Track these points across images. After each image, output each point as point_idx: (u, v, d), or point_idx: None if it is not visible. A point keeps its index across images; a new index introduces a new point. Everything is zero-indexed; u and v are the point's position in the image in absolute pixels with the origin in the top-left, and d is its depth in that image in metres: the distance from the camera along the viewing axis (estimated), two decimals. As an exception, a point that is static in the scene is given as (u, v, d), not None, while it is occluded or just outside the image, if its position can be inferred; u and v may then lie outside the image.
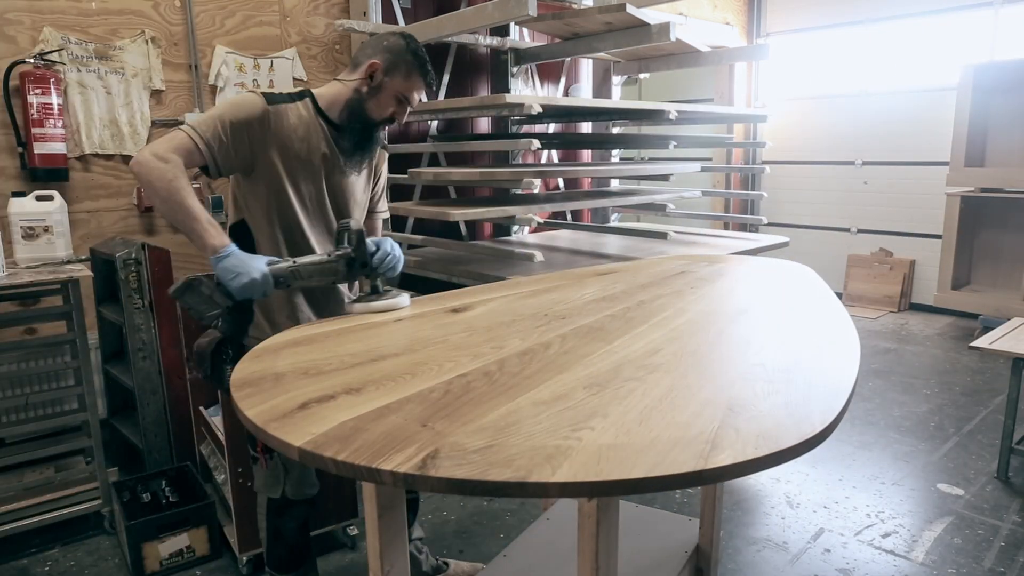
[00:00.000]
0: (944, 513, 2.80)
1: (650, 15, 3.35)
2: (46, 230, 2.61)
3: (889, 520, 2.75)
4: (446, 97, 4.25)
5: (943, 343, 5.20)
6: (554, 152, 4.93)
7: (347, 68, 1.86)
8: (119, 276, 2.74)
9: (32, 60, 2.97)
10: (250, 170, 1.75)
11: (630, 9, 3.23)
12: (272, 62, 3.70)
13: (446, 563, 2.38)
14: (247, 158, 1.72)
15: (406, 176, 3.57)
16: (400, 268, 1.75)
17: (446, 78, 4.27)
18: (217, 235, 1.60)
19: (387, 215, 2.14)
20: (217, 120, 1.67)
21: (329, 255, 1.66)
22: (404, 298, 1.71)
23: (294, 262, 1.62)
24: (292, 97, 1.78)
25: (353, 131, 1.81)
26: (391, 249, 1.73)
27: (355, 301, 1.70)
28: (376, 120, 1.82)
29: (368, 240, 1.69)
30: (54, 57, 3.05)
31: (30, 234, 2.59)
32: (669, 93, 6.93)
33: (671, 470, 0.85)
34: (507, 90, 4.40)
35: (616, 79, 5.04)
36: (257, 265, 1.57)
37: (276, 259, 1.64)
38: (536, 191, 3.22)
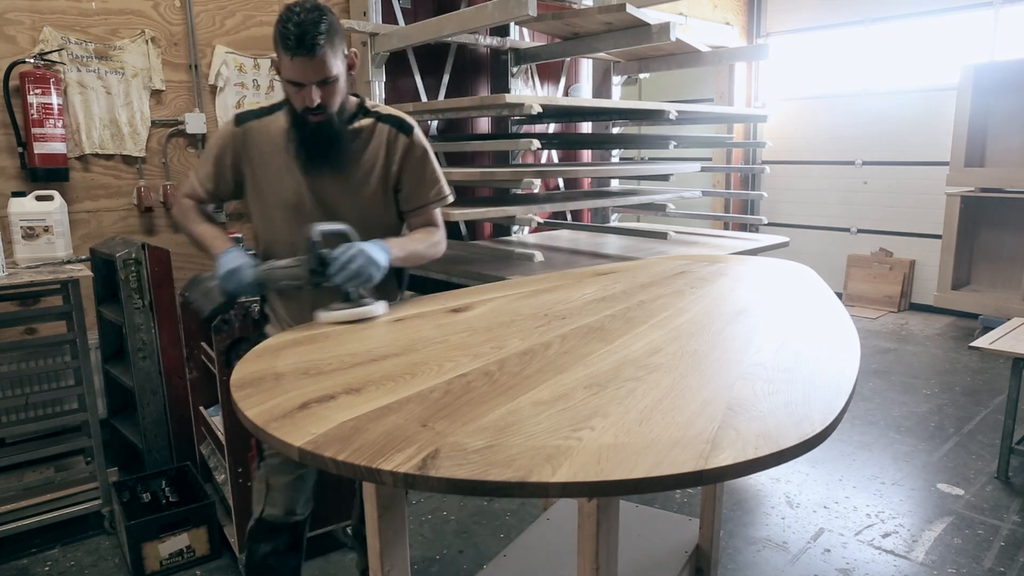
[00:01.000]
0: (944, 513, 2.80)
1: (650, 15, 3.35)
2: (46, 230, 2.61)
3: (889, 520, 2.75)
4: (446, 97, 4.25)
5: (943, 343, 5.20)
6: (554, 152, 4.93)
7: None
8: (119, 276, 2.74)
9: (32, 60, 2.97)
10: (241, 191, 1.82)
11: (630, 9, 3.23)
12: (272, 62, 3.70)
13: None
14: (233, 181, 1.80)
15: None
16: (366, 278, 1.60)
17: (446, 78, 4.27)
18: (219, 244, 1.72)
19: (436, 205, 1.87)
20: (204, 159, 1.82)
21: (297, 261, 1.63)
22: (377, 307, 1.62)
23: (270, 265, 1.65)
24: (268, 110, 1.77)
25: (296, 131, 1.69)
26: (351, 258, 1.58)
27: (323, 309, 1.61)
28: (299, 113, 1.65)
29: (339, 248, 1.60)
30: (54, 57, 3.05)
31: (30, 234, 2.59)
32: (669, 93, 6.93)
33: (671, 470, 0.85)
34: (507, 90, 4.40)
35: (616, 79, 5.04)
36: (243, 264, 1.62)
37: (267, 263, 1.68)
38: (536, 191, 3.22)
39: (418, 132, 1.82)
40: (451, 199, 1.90)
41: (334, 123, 1.67)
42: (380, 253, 1.64)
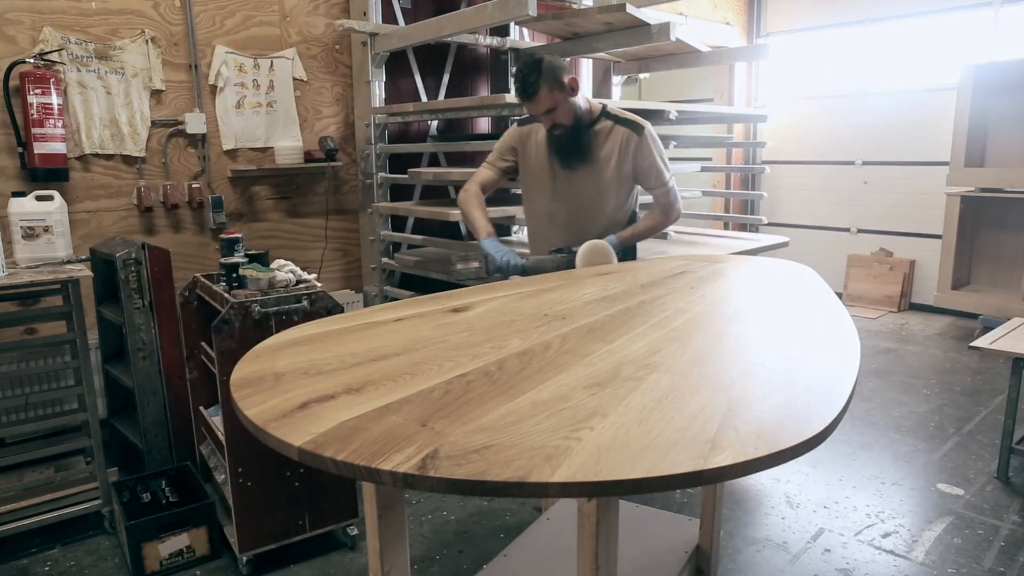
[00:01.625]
0: (944, 513, 2.80)
1: (650, 15, 3.35)
2: (46, 230, 2.61)
3: (889, 520, 2.75)
4: (446, 97, 4.25)
5: (943, 343, 5.20)
6: (554, 152, 4.92)
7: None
8: (119, 276, 2.74)
9: (32, 60, 2.97)
10: (516, 173, 2.58)
11: (630, 9, 3.23)
12: (272, 62, 3.70)
13: None
14: (512, 162, 2.56)
15: (406, 176, 3.57)
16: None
17: (446, 78, 4.27)
18: (483, 230, 2.39)
19: (658, 192, 2.46)
20: (496, 149, 2.57)
21: (558, 259, 2.36)
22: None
23: (538, 259, 2.37)
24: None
25: (550, 139, 2.41)
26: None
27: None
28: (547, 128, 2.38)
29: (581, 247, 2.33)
30: (54, 57, 3.05)
31: (30, 234, 2.59)
32: (669, 93, 6.93)
33: (671, 470, 0.85)
34: (507, 90, 4.40)
35: (616, 79, 5.04)
36: (508, 252, 2.34)
37: (534, 257, 2.43)
38: (536, 191, 3.22)
39: (648, 133, 2.37)
40: (668, 185, 2.44)
41: (569, 132, 2.34)
42: (602, 243, 2.33)
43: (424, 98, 4.17)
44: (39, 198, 2.64)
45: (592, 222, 2.46)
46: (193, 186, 3.49)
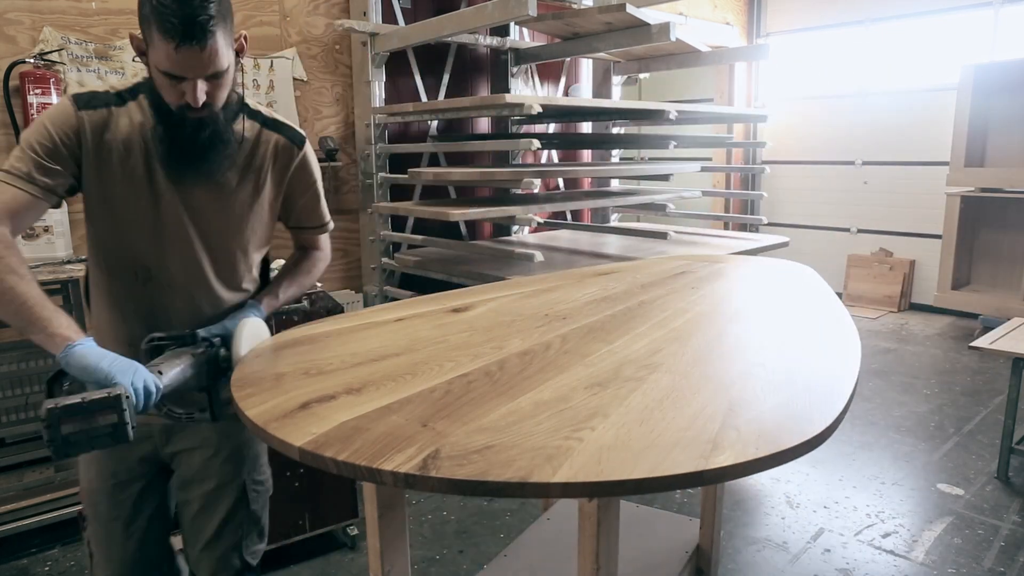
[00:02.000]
0: (944, 513, 2.80)
1: (650, 15, 3.35)
2: (46, 230, 2.61)
3: (889, 520, 2.75)
4: (446, 97, 4.25)
5: (943, 343, 5.20)
6: (554, 152, 4.93)
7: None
8: (119, 276, 2.73)
9: (32, 60, 2.97)
10: (72, 190, 1.35)
11: (630, 9, 3.23)
12: (272, 62, 3.70)
13: None
14: (71, 176, 1.33)
15: (406, 176, 3.57)
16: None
17: (446, 78, 4.27)
18: (62, 325, 1.20)
19: (315, 235, 1.67)
20: (32, 148, 1.28)
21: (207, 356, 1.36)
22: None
23: (179, 377, 1.29)
24: (120, 98, 1.36)
25: (165, 130, 1.33)
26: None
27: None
28: (173, 111, 1.29)
29: (235, 337, 1.38)
30: (54, 57, 3.05)
31: (30, 234, 2.59)
32: (669, 93, 6.93)
33: (672, 470, 0.85)
34: (507, 90, 4.40)
35: (616, 79, 5.04)
36: (140, 369, 1.20)
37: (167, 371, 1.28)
38: (536, 191, 3.22)
39: (309, 147, 1.55)
40: (329, 225, 1.69)
41: (218, 122, 1.34)
42: (259, 321, 1.48)
43: (424, 98, 4.17)
44: (39, 198, 2.64)
45: (226, 280, 1.50)
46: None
